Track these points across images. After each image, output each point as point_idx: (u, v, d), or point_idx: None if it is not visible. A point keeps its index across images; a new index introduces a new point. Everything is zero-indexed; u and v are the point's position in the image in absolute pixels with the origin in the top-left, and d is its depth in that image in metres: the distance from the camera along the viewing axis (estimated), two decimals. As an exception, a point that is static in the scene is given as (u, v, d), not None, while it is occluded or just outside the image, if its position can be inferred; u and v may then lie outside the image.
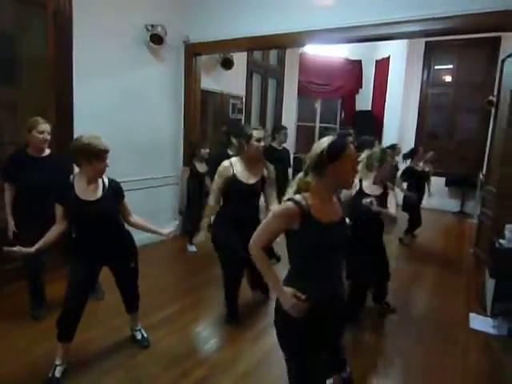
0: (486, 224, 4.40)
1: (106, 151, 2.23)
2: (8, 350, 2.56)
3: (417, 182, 5.30)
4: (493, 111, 6.32)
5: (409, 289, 3.88)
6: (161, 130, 4.90)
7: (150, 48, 4.50)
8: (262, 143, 2.85)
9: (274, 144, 5.16)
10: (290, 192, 1.60)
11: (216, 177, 2.91)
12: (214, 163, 3.89)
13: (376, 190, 2.89)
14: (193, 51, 4.88)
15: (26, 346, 2.59)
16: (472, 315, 3.29)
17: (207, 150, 4.54)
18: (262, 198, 3.11)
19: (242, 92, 6.23)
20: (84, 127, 3.77)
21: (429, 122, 8.18)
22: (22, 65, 3.54)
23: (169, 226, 2.64)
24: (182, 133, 5.17)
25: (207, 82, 5.38)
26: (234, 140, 3.93)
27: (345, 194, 2.78)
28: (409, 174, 5.26)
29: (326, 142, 1.53)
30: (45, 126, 2.83)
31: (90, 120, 3.82)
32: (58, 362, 2.28)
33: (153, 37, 4.36)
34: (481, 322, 3.15)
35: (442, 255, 5.10)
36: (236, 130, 4.09)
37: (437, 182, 6.19)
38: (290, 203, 1.51)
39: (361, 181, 2.93)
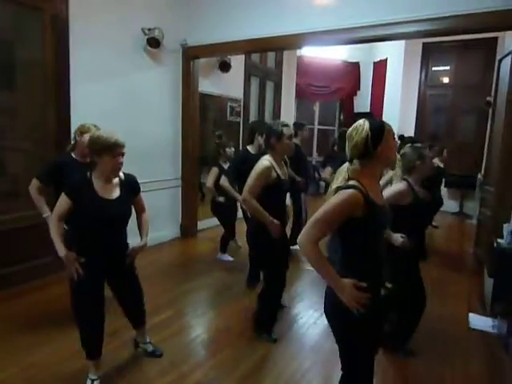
0: (484, 224, 4.40)
1: (118, 145, 2.05)
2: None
3: (433, 179, 4.90)
4: (490, 112, 6.33)
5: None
6: (159, 133, 4.90)
7: (148, 51, 4.52)
8: (294, 140, 2.78)
9: (296, 141, 5.04)
10: (339, 181, 1.55)
11: (256, 177, 2.61)
12: (235, 162, 3.85)
13: (427, 196, 2.62)
14: (190, 54, 4.90)
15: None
16: (472, 315, 3.28)
17: (233, 150, 4.45)
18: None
19: (240, 95, 6.24)
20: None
21: (428, 124, 8.19)
22: (20, 70, 3.54)
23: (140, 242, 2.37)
24: (181, 136, 5.18)
25: (205, 85, 5.40)
26: (259, 138, 3.82)
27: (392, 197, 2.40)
28: None
29: (365, 126, 1.50)
30: None
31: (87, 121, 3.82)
32: (93, 377, 2.24)
33: (150, 40, 4.38)
34: (480, 322, 3.15)
35: (442, 255, 5.09)
36: (261, 127, 3.97)
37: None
38: (352, 190, 1.44)
39: (412, 187, 2.50)
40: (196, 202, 5.43)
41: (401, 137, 5.11)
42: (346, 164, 1.57)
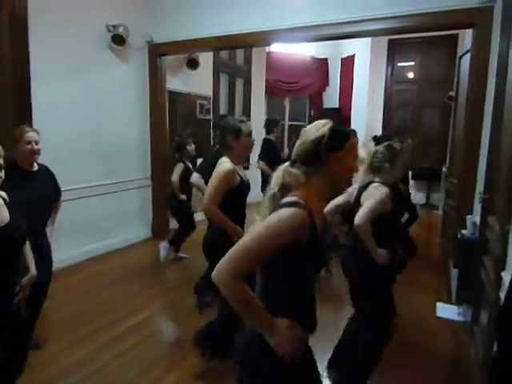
0: (450, 215, 4.55)
1: None
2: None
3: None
4: (453, 106, 6.54)
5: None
6: (126, 132, 4.80)
7: (112, 49, 4.41)
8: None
9: (271, 137, 5.01)
10: (273, 186, 1.21)
11: (218, 183, 2.29)
12: (209, 162, 3.41)
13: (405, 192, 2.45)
14: (157, 52, 4.82)
15: None
16: (439, 304, 3.40)
17: (193, 147, 4.38)
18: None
19: (210, 92, 6.20)
20: (44, 131, 3.65)
21: (394, 118, 8.39)
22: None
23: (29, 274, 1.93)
24: (149, 135, 5.10)
25: (173, 83, 5.33)
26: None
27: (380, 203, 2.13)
28: None
29: (325, 126, 1.19)
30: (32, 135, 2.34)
31: (50, 123, 3.72)
32: None
33: (114, 37, 4.28)
34: (447, 310, 3.27)
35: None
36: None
37: (403, 176, 6.36)
38: (298, 210, 1.08)
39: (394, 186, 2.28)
40: (167, 202, 5.36)
41: (375, 138, 5.17)
42: (285, 165, 1.24)
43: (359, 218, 2.07)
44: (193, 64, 5.46)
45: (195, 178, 3.63)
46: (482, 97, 3.33)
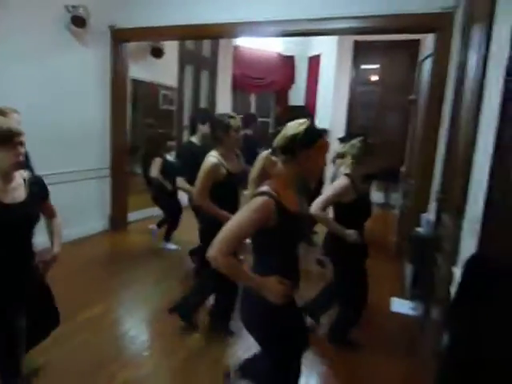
0: (406, 215, 4.70)
1: (12, 133, 1.69)
2: None
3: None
4: (413, 110, 6.76)
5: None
6: (85, 120, 4.60)
7: (72, 31, 4.20)
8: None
9: (248, 132, 4.83)
10: (254, 170, 1.51)
11: (204, 177, 2.51)
12: (184, 159, 3.71)
13: (367, 186, 2.70)
14: (119, 37, 4.65)
15: None
16: (393, 299, 3.50)
17: (173, 143, 4.47)
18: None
19: (174, 83, 6.07)
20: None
21: (358, 119, 8.57)
22: None
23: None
24: (109, 123, 4.91)
25: (136, 71, 5.16)
26: (201, 126, 3.70)
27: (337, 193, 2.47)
28: None
29: (302, 125, 1.47)
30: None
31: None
32: None
33: (74, 19, 4.08)
34: (401, 305, 3.37)
35: (367, 244, 5.36)
36: (202, 115, 3.87)
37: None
38: (265, 197, 1.38)
39: (354, 182, 2.51)
40: (126, 193, 5.19)
41: (341, 139, 5.20)
42: (266, 152, 1.52)
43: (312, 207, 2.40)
44: (157, 53, 5.32)
45: (179, 182, 3.65)
46: (441, 100, 3.45)
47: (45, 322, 2.06)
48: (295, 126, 1.48)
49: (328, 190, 2.53)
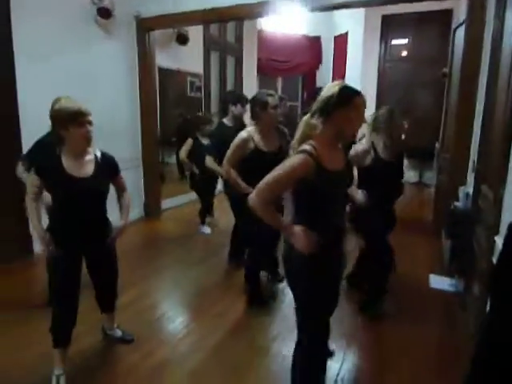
0: (442, 190, 4.55)
1: (81, 113, 1.95)
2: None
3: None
4: (447, 83, 6.49)
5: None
6: (116, 110, 4.69)
7: (98, 23, 4.27)
8: (279, 110, 2.76)
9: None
10: (297, 135, 1.59)
11: (232, 148, 2.71)
12: (215, 139, 3.75)
13: (390, 156, 2.65)
14: (145, 26, 4.69)
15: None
16: (432, 276, 3.41)
17: (210, 127, 4.31)
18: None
19: (200, 69, 6.08)
20: (29, 110, 3.57)
21: (388, 97, 8.31)
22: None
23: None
24: (139, 113, 4.99)
25: (163, 59, 5.20)
26: (233, 108, 3.70)
27: (355, 156, 2.58)
28: None
29: (337, 85, 1.51)
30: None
31: (35, 102, 3.57)
32: (58, 372, 2.08)
33: (100, 10, 4.14)
34: (440, 282, 3.28)
35: (403, 223, 5.21)
36: (234, 96, 3.89)
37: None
38: (305, 155, 1.48)
39: (374, 147, 2.62)
40: (158, 182, 5.30)
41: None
42: (306, 117, 1.58)
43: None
44: (182, 39, 5.33)
45: (208, 161, 3.70)
46: (477, 67, 3.29)
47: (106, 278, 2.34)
48: (330, 87, 1.52)
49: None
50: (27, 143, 2.81)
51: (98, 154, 2.12)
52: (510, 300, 1.17)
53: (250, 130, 2.74)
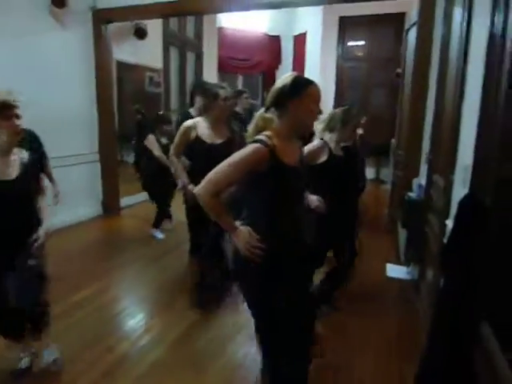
0: (398, 184, 4.73)
1: (6, 106, 1.72)
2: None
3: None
4: (400, 82, 6.77)
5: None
6: (71, 104, 4.52)
7: (52, 12, 4.10)
8: (229, 103, 2.73)
9: (238, 109, 4.68)
10: (250, 129, 1.52)
11: (177, 137, 2.77)
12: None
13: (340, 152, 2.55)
14: (101, 18, 4.56)
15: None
16: (388, 265, 3.55)
17: (170, 128, 4.09)
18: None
19: (160, 64, 5.98)
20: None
21: (345, 96, 8.54)
22: None
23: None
24: (96, 107, 4.84)
25: (120, 53, 5.08)
26: (198, 98, 3.54)
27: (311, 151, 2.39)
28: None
29: (289, 76, 1.45)
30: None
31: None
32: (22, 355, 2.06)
33: (53, -1, 3.97)
34: (396, 270, 3.42)
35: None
36: (201, 87, 3.68)
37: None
38: (258, 145, 1.38)
39: (327, 145, 2.50)
40: (117, 178, 5.15)
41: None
42: (260, 111, 1.53)
43: None
44: (141, 33, 5.23)
45: (149, 142, 3.86)
46: (428, 64, 3.45)
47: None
48: (283, 79, 1.47)
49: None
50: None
51: (25, 155, 1.90)
52: (459, 267, 1.25)
53: (197, 120, 2.77)
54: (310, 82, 1.46)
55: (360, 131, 5.49)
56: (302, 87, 1.43)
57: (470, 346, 1.33)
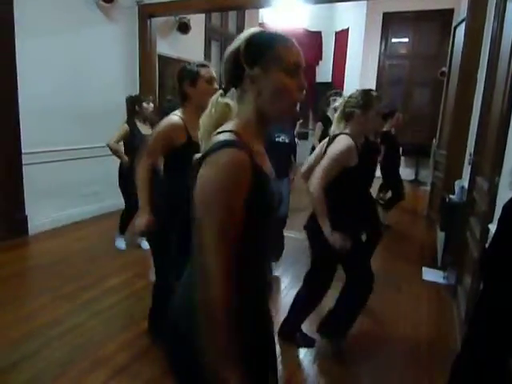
0: (437, 186, 4.59)
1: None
2: None
3: (391, 147, 4.45)
4: (445, 81, 6.53)
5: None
6: (114, 96, 4.65)
7: (100, 7, 4.25)
8: (215, 85, 1.91)
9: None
10: (203, 124, 0.92)
11: (155, 136, 1.93)
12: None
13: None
14: (146, 12, 4.67)
15: None
16: (424, 269, 3.45)
17: (151, 106, 3.53)
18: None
19: (201, 59, 6.06)
20: (29, 88, 3.57)
21: (386, 94, 8.34)
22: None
23: None
24: (139, 100, 4.97)
25: (163, 47, 5.19)
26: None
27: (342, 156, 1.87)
28: (385, 139, 4.19)
29: (248, 32, 0.88)
30: None
31: (36, 80, 3.63)
32: None
33: (102, -6, 4.12)
34: (432, 274, 3.32)
35: (398, 219, 5.28)
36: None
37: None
38: (233, 149, 0.78)
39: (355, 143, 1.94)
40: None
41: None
42: (215, 96, 0.92)
43: (313, 185, 1.84)
44: (184, 28, 5.32)
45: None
46: (476, 62, 3.31)
47: None
48: (238, 38, 0.89)
49: (324, 159, 1.90)
50: (24, 118, 2.76)
51: None
52: (501, 273, 1.20)
53: (180, 114, 1.94)
54: (280, 36, 0.91)
55: (388, 128, 4.61)
56: (266, 47, 0.86)
57: (509, 357, 1.28)
